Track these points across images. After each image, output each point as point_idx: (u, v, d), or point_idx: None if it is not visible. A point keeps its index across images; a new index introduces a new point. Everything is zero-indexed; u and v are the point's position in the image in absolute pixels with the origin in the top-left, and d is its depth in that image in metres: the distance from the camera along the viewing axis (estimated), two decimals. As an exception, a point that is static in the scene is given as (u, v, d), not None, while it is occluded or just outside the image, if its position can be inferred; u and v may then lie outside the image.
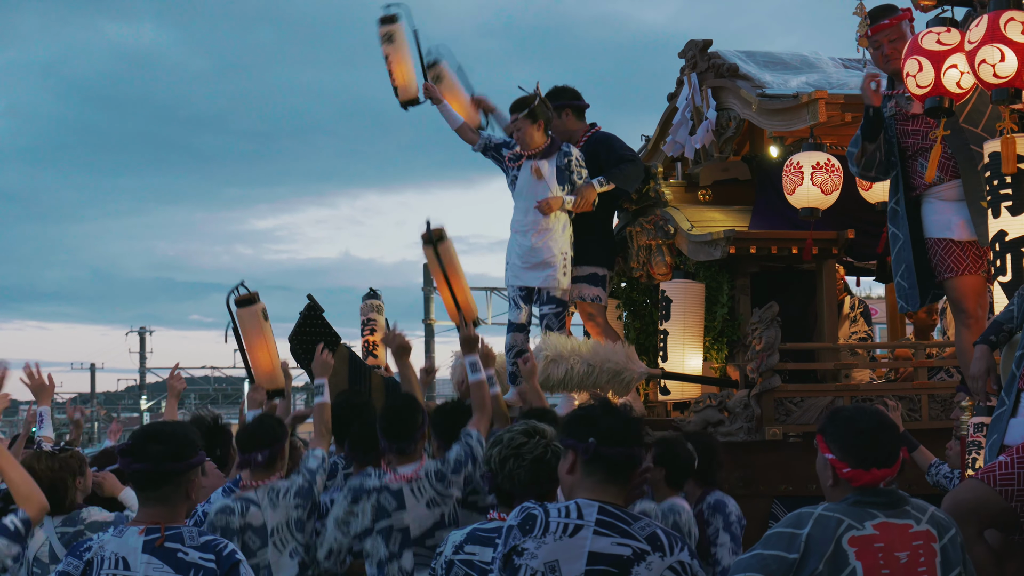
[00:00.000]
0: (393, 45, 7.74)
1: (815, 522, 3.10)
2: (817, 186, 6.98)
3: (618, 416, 3.29)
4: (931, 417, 6.85)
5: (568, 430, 3.31)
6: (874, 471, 3.15)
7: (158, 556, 3.43)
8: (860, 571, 3.05)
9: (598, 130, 7.76)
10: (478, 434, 5.14)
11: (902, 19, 5.99)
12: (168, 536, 3.46)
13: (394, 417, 5.00)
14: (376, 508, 4.90)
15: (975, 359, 4.73)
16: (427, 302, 25.63)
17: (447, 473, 4.95)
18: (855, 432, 3.20)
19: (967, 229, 5.78)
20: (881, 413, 3.30)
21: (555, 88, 7.76)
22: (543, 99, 7.35)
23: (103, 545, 3.48)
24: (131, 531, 3.49)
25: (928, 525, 3.16)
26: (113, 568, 3.43)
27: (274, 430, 5.26)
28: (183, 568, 3.42)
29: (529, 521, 3.18)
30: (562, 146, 7.37)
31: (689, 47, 8.01)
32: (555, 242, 7.26)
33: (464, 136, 7.70)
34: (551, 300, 7.33)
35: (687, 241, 7.33)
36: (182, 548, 3.45)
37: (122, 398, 48.91)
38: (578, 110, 7.79)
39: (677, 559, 3.16)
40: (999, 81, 5.21)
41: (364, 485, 4.95)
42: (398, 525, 4.89)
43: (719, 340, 7.38)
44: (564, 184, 7.28)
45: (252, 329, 6.34)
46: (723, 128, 7.71)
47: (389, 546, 4.87)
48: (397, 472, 4.93)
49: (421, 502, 4.90)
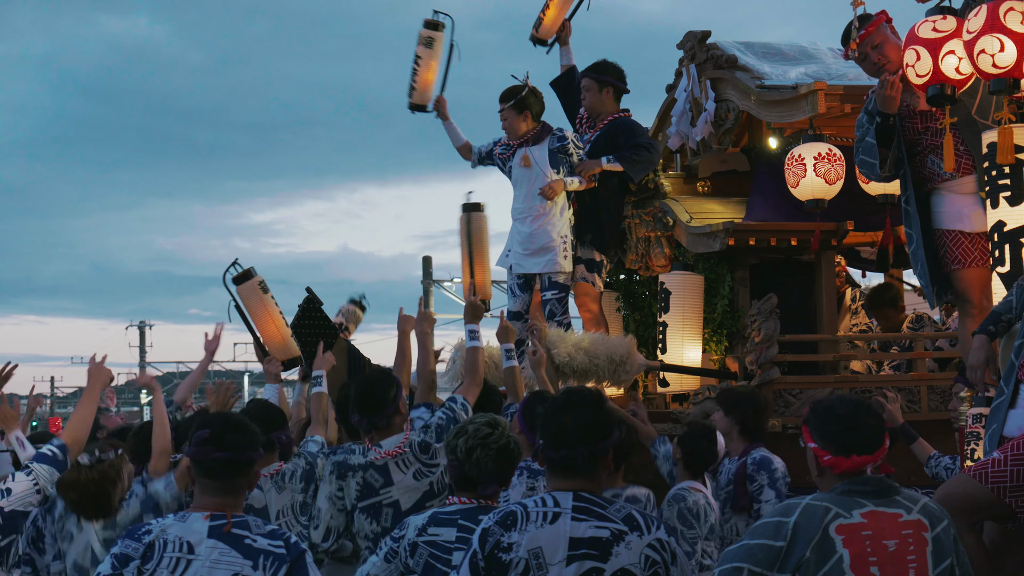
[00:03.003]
0: (430, 51, 7.93)
1: (802, 511, 3.12)
2: (821, 177, 6.96)
3: (576, 413, 3.31)
4: (930, 408, 6.85)
5: (531, 422, 3.37)
6: (854, 457, 3.17)
7: (225, 541, 3.43)
8: (847, 559, 3.06)
9: (626, 115, 7.80)
10: (463, 400, 5.18)
11: (878, 23, 6.00)
12: (235, 523, 3.47)
13: (367, 391, 4.97)
14: (362, 486, 4.86)
15: (974, 349, 4.73)
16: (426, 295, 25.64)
17: (431, 443, 4.92)
18: (833, 419, 3.24)
19: (980, 221, 5.77)
20: (861, 400, 3.31)
21: (605, 62, 7.86)
22: (532, 89, 7.45)
23: (165, 528, 3.47)
24: (194, 516, 3.49)
25: (919, 515, 3.16)
26: (178, 551, 3.42)
27: (273, 417, 5.27)
28: (252, 554, 3.42)
29: (510, 517, 3.25)
30: (555, 130, 7.44)
31: (688, 38, 8.00)
32: (553, 226, 7.33)
33: (463, 155, 7.97)
34: (553, 285, 7.38)
35: (686, 233, 7.33)
36: (250, 535, 3.45)
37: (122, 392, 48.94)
38: (618, 92, 7.85)
39: (655, 537, 3.25)
40: (998, 71, 5.20)
41: (348, 461, 4.91)
42: (387, 501, 4.87)
43: (718, 332, 7.38)
44: (558, 167, 7.35)
45: (254, 303, 6.35)
46: (722, 119, 7.70)
47: (381, 522, 4.84)
48: (381, 448, 4.90)
49: (408, 474, 4.86)
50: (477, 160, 7.83)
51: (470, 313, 5.79)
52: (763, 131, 7.91)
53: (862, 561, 3.05)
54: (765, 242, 7.19)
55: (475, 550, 3.24)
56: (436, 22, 7.93)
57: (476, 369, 5.41)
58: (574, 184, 7.36)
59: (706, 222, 7.27)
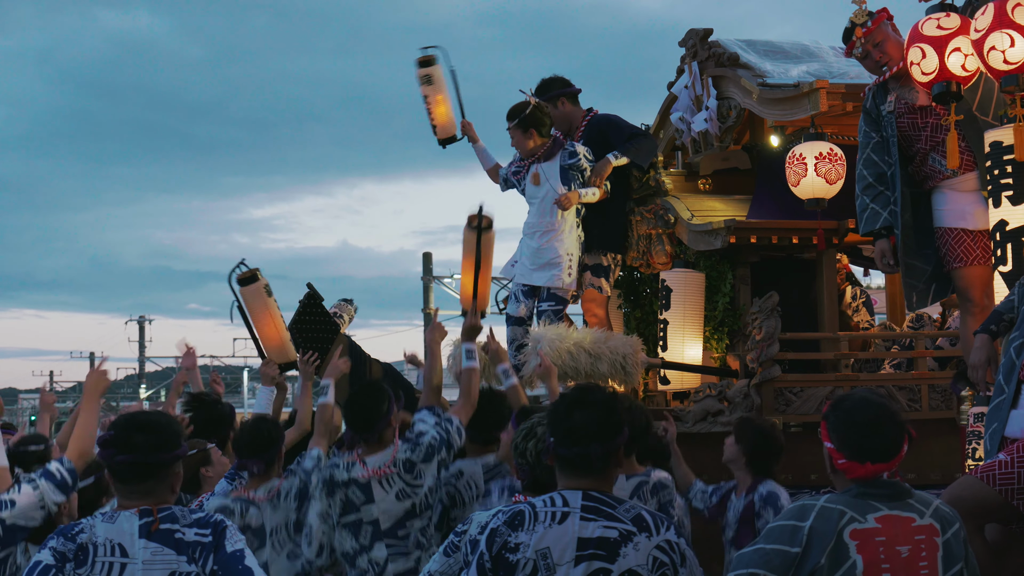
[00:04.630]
0: (432, 87, 7.97)
1: (817, 514, 3.09)
2: (821, 176, 6.95)
3: (588, 410, 3.27)
4: (931, 407, 6.84)
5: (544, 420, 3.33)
6: (868, 465, 3.14)
7: (156, 540, 3.31)
8: (860, 565, 3.04)
9: (596, 113, 7.83)
10: (458, 422, 5.14)
11: (880, 21, 6.01)
12: (161, 518, 3.35)
13: (357, 407, 4.95)
14: (344, 502, 4.88)
15: (975, 348, 4.72)
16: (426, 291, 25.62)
17: (417, 462, 4.91)
18: (851, 424, 3.19)
19: (981, 219, 5.77)
20: (883, 405, 3.26)
21: (543, 81, 7.85)
22: (538, 106, 7.42)
23: (94, 528, 3.34)
24: (124, 515, 3.35)
25: (932, 519, 3.14)
26: (110, 555, 3.30)
27: (269, 435, 5.24)
28: (184, 548, 3.31)
29: (518, 517, 3.21)
30: (566, 144, 7.41)
31: (690, 36, 8.00)
32: (561, 243, 7.34)
33: (493, 178, 7.92)
34: (551, 297, 7.40)
35: (687, 230, 7.33)
36: (179, 528, 3.34)
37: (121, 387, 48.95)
38: (572, 96, 7.86)
39: (664, 538, 3.20)
40: (1009, 67, 5.20)
41: (334, 477, 4.92)
42: (367, 518, 4.87)
43: (719, 330, 7.38)
44: (569, 184, 7.31)
45: (257, 306, 6.36)
46: (723, 117, 7.70)
47: (359, 539, 4.85)
48: (367, 465, 4.89)
49: (391, 494, 4.86)
50: (504, 185, 7.80)
51: (468, 332, 5.72)
52: (765, 129, 7.91)
53: (875, 568, 3.03)
54: (766, 240, 7.18)
55: (482, 551, 3.21)
56: (426, 58, 7.99)
57: (471, 390, 5.37)
58: (588, 196, 7.30)
59: (707, 220, 7.26)
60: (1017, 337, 4.41)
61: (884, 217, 6.01)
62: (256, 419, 5.51)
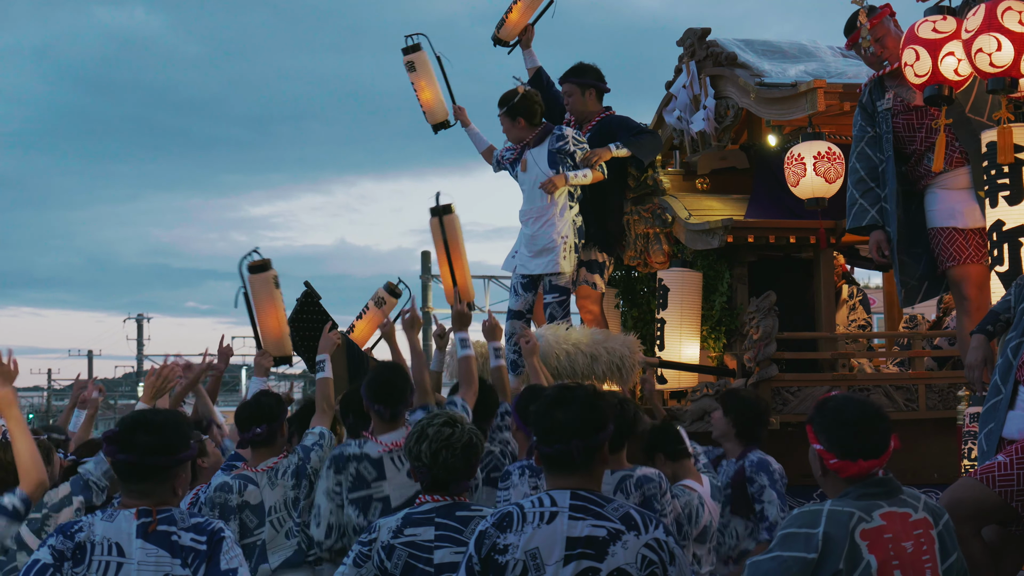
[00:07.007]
0: (417, 73, 8.08)
1: (828, 519, 3.08)
2: (820, 176, 6.95)
3: (569, 407, 3.27)
4: (929, 407, 6.85)
5: (524, 416, 3.32)
6: (860, 462, 3.15)
7: (152, 541, 3.31)
8: (874, 564, 3.04)
9: (612, 113, 7.87)
10: (463, 402, 5.21)
11: (882, 16, 6.01)
12: (160, 520, 3.34)
13: (385, 381, 4.94)
14: (354, 477, 4.83)
15: (972, 348, 4.72)
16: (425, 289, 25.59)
17: None
18: (840, 423, 3.20)
19: (973, 217, 5.77)
20: (869, 403, 3.28)
21: (580, 65, 7.95)
22: (527, 94, 7.48)
23: (92, 526, 3.33)
24: (123, 515, 3.35)
25: (925, 513, 3.17)
26: (107, 554, 3.30)
27: (272, 407, 5.26)
28: (179, 551, 3.31)
29: (506, 519, 3.21)
30: (554, 129, 7.44)
31: (688, 35, 8.00)
32: (553, 226, 7.33)
33: (487, 159, 8.00)
34: (554, 289, 7.40)
35: (685, 230, 7.33)
36: (175, 530, 3.33)
37: (120, 385, 48.94)
38: (600, 92, 7.94)
39: (652, 536, 3.20)
40: (995, 70, 5.20)
41: (344, 453, 4.88)
42: (377, 495, 4.83)
43: (716, 329, 7.38)
44: (558, 167, 7.34)
45: (263, 295, 6.38)
46: (721, 117, 7.71)
47: (368, 515, 4.80)
48: (380, 440, 4.87)
49: (402, 471, 4.82)
50: (496, 166, 7.87)
51: (458, 321, 5.75)
52: (762, 128, 7.91)
53: (887, 567, 3.03)
54: (764, 239, 7.19)
55: (471, 554, 3.21)
56: (410, 46, 8.07)
57: (470, 378, 5.39)
58: (579, 178, 7.33)
59: (705, 219, 7.27)
60: (1014, 337, 4.40)
61: (871, 215, 6.02)
62: (259, 392, 5.54)
